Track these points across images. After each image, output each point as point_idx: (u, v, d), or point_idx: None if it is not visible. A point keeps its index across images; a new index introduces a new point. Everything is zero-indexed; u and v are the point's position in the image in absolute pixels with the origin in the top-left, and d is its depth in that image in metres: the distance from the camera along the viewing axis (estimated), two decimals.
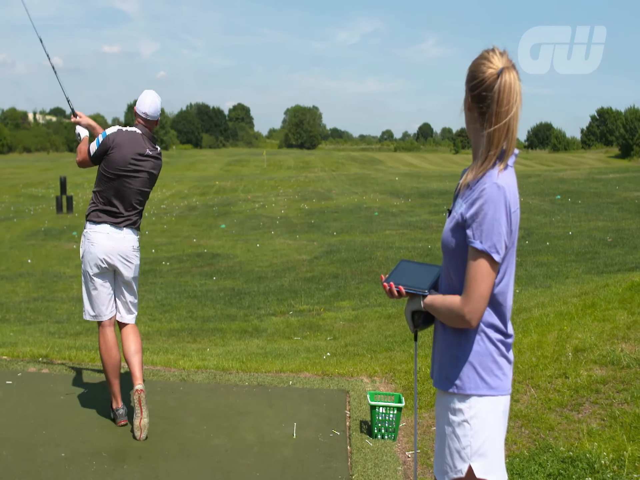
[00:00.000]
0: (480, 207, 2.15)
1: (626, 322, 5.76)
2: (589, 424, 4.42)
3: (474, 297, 2.17)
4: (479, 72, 2.22)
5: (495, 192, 2.15)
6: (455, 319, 2.22)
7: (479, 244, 2.15)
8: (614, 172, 41.54)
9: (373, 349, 7.30)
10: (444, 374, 2.33)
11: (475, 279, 2.17)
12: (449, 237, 2.28)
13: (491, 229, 2.14)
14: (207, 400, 5.43)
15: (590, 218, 20.95)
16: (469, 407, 2.27)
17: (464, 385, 2.27)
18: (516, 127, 2.21)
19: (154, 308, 12.17)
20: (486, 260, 2.16)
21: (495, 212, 2.14)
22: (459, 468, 2.28)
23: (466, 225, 2.19)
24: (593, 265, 12.67)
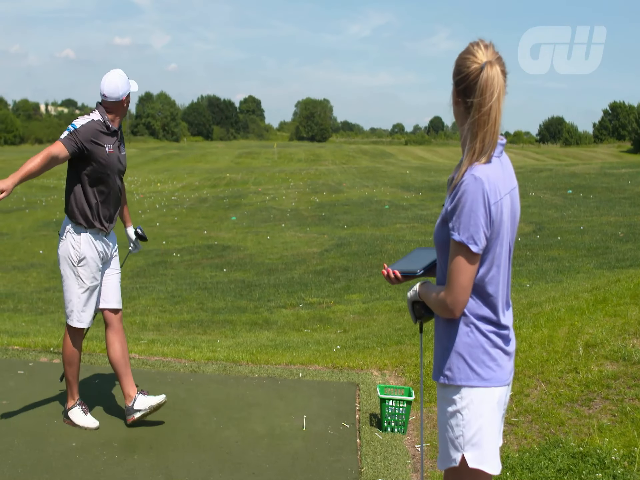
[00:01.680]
0: (458, 200, 2.19)
1: (638, 318, 5.72)
2: (600, 420, 4.40)
3: (454, 287, 2.22)
4: (463, 67, 2.25)
5: (472, 184, 2.17)
6: (441, 309, 2.29)
7: (457, 235, 2.19)
8: (626, 166, 41.26)
9: (383, 342, 7.30)
10: (437, 365, 2.39)
11: (455, 270, 2.21)
12: (438, 232, 2.33)
13: (468, 221, 2.17)
14: (217, 392, 5.44)
15: (602, 213, 20.85)
16: (461, 397, 2.31)
17: (454, 376, 2.31)
18: (498, 120, 2.21)
19: (164, 299, 12.21)
20: (464, 252, 2.19)
21: (472, 204, 2.16)
22: (453, 457, 2.33)
23: (448, 218, 2.24)
24: (604, 260, 12.61)
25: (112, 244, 4.72)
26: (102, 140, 4.44)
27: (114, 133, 4.57)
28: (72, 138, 4.32)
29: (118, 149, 4.60)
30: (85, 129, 4.37)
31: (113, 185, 4.59)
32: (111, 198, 4.60)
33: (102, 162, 4.45)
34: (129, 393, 4.67)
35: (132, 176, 46.84)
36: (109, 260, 4.73)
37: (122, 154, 4.69)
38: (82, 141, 4.34)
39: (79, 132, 4.34)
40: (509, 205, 2.26)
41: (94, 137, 4.40)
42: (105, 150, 4.45)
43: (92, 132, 4.40)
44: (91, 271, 4.52)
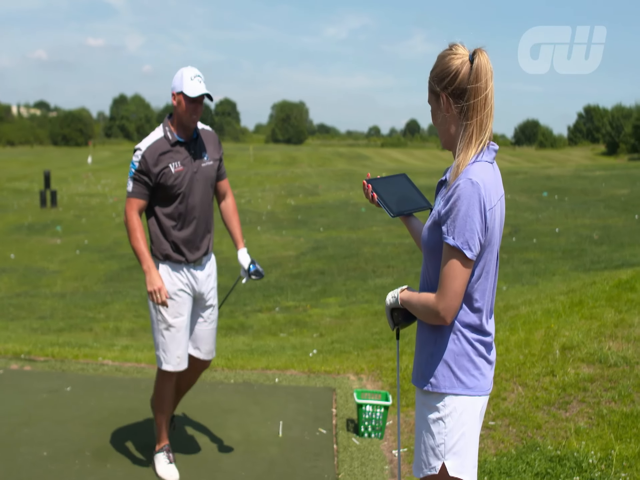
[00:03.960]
0: (454, 203, 2.12)
1: (613, 320, 5.75)
2: (577, 423, 4.40)
3: (447, 293, 2.15)
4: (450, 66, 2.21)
5: (469, 188, 2.12)
6: (430, 315, 2.21)
7: (451, 240, 2.13)
8: (601, 169, 41.70)
9: (360, 346, 7.27)
10: (420, 371, 2.32)
11: (449, 275, 2.15)
12: (426, 235, 2.27)
13: (464, 225, 2.11)
14: (192, 398, 5.35)
15: (577, 215, 21.02)
16: (444, 405, 2.26)
17: (439, 384, 2.26)
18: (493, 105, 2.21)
19: (139, 304, 12.07)
20: (459, 257, 2.14)
21: (468, 209, 2.11)
22: (432, 465, 2.28)
23: (441, 221, 2.18)
24: (580, 262, 12.70)
25: (203, 277, 4.06)
26: (166, 161, 3.84)
27: (182, 145, 3.92)
28: (137, 185, 3.82)
29: (192, 162, 3.92)
30: (143, 164, 3.80)
31: (193, 206, 3.93)
32: (192, 222, 3.94)
33: (168, 184, 3.85)
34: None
35: (106, 179, 46.43)
36: (203, 297, 4.10)
37: (204, 165, 3.99)
38: (148, 179, 3.81)
39: (140, 172, 3.81)
40: (499, 212, 2.24)
41: (155, 164, 3.81)
42: (170, 171, 3.83)
43: (153, 161, 3.81)
44: (173, 307, 3.92)
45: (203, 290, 4.07)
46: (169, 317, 3.93)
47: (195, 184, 3.92)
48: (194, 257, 3.97)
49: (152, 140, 3.86)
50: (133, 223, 3.82)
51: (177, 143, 3.89)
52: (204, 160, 3.98)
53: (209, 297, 4.14)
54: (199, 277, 4.03)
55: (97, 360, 6.35)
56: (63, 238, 21.81)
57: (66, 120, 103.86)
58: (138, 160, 3.80)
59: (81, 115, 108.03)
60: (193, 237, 3.96)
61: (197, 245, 3.99)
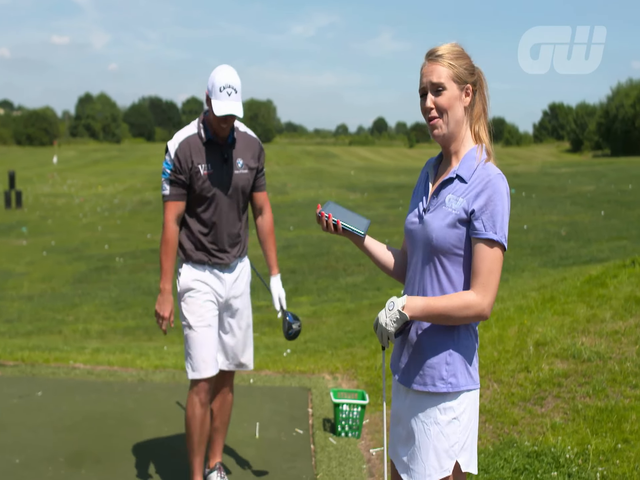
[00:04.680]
0: (490, 199, 2.13)
1: (586, 316, 5.81)
2: (553, 418, 4.43)
3: (492, 288, 2.14)
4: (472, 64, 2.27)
5: (501, 183, 2.16)
6: (471, 316, 2.15)
7: (493, 234, 2.12)
8: (566, 166, 42.29)
9: (334, 345, 7.26)
10: (438, 375, 2.23)
11: (492, 270, 2.13)
12: (446, 234, 2.18)
13: (502, 220, 2.14)
14: (167, 401, 5.31)
15: (545, 212, 21.26)
16: (459, 403, 2.22)
17: (459, 382, 2.22)
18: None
19: (108, 306, 11.95)
20: (500, 251, 2.15)
21: (504, 203, 2.15)
22: (446, 467, 2.22)
23: (473, 218, 2.15)
24: (548, 258, 12.85)
25: (230, 280, 3.73)
26: (197, 161, 3.55)
27: (215, 146, 3.60)
28: (174, 187, 3.54)
29: (222, 167, 3.59)
30: (177, 162, 3.53)
31: (220, 214, 3.62)
32: (219, 229, 3.63)
33: (196, 187, 3.56)
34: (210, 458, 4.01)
35: (72, 179, 45.85)
36: (231, 303, 3.76)
37: (237, 172, 3.64)
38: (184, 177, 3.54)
39: (175, 172, 3.53)
40: None
41: (188, 162, 3.54)
42: (200, 173, 3.54)
43: (185, 158, 3.53)
44: (196, 305, 3.62)
45: (231, 294, 3.74)
46: (191, 318, 3.61)
47: (224, 191, 3.60)
48: (220, 260, 3.66)
49: (184, 135, 3.58)
50: (168, 233, 3.56)
51: (209, 142, 3.58)
52: (238, 167, 3.63)
53: (238, 302, 3.79)
54: (226, 280, 3.71)
55: (68, 364, 6.26)
56: (29, 239, 21.48)
57: (30, 120, 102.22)
58: (171, 158, 3.53)
59: (46, 114, 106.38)
60: (220, 244, 3.65)
61: (224, 250, 3.67)
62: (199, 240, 3.63)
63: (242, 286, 3.82)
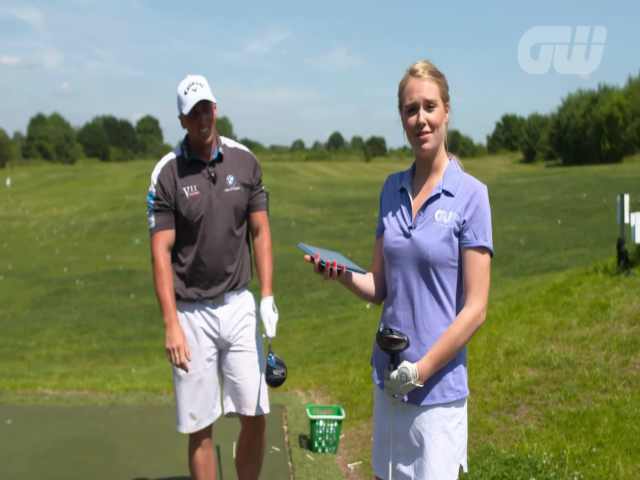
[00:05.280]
0: (478, 208, 2.21)
1: (553, 323, 5.92)
2: (527, 425, 4.49)
3: (484, 294, 2.22)
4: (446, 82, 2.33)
5: (486, 193, 2.25)
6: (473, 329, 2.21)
7: (484, 241, 2.20)
8: (521, 176, 43.07)
9: (304, 361, 7.26)
10: (446, 385, 2.26)
11: (483, 276, 2.21)
12: (442, 248, 2.22)
13: (489, 227, 2.23)
14: (139, 424, 5.25)
15: (503, 222, 21.60)
16: (462, 408, 2.30)
17: (463, 389, 2.29)
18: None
19: (70, 329, 11.77)
20: (489, 257, 2.23)
21: (488, 212, 2.23)
22: (454, 471, 2.26)
23: (464, 229, 2.21)
24: (509, 268, 13.06)
25: (226, 316, 3.37)
26: (181, 184, 3.26)
27: (200, 165, 3.31)
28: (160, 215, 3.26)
29: (210, 186, 3.29)
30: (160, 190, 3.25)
31: (212, 237, 3.30)
32: (211, 254, 3.30)
33: (182, 212, 3.26)
34: None
35: (26, 201, 45.11)
36: (229, 341, 3.39)
37: (228, 190, 3.33)
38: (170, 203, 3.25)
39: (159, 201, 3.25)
40: None
41: (172, 187, 3.26)
42: (185, 196, 3.25)
43: (169, 183, 3.26)
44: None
45: (228, 333, 3.38)
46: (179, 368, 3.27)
47: (215, 212, 3.28)
48: (210, 293, 3.32)
49: (165, 160, 3.33)
50: (159, 264, 3.23)
51: (193, 162, 3.30)
52: (228, 185, 3.32)
53: (241, 339, 3.41)
54: (221, 317, 3.36)
55: (37, 390, 6.14)
56: None
57: None
58: (154, 188, 3.25)
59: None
60: (211, 272, 3.31)
61: (216, 280, 3.33)
62: (187, 273, 3.31)
63: (243, 322, 3.43)
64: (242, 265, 3.44)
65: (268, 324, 3.32)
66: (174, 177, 3.26)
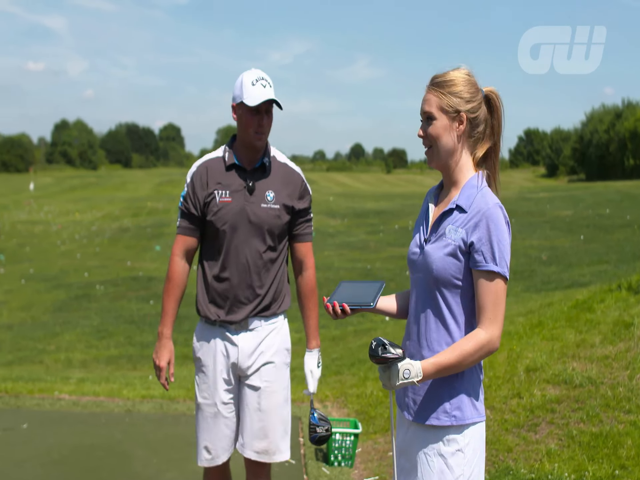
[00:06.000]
0: (488, 229, 2.10)
1: (575, 341, 5.82)
2: (548, 445, 4.40)
3: (499, 320, 2.10)
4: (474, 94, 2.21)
5: (498, 213, 2.13)
6: (483, 353, 2.11)
7: (494, 266, 2.09)
8: (544, 191, 42.80)
9: (322, 372, 7.20)
10: (441, 408, 2.19)
11: (496, 303, 2.09)
12: (446, 265, 2.15)
13: (501, 250, 2.10)
14: (155, 432, 5.22)
15: (525, 236, 21.43)
16: (464, 436, 2.17)
17: (464, 415, 2.17)
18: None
19: (90, 335, 11.80)
20: (502, 282, 2.11)
21: (502, 233, 2.11)
22: None
23: (473, 249, 2.11)
24: (531, 283, 12.93)
25: (247, 346, 3.02)
26: (214, 186, 2.98)
27: (240, 171, 3.01)
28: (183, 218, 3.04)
29: (245, 195, 2.96)
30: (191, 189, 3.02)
31: (237, 252, 2.97)
32: (235, 271, 2.98)
33: (209, 216, 2.98)
34: None
35: (49, 205, 45.52)
36: (247, 374, 3.04)
37: (264, 206, 2.97)
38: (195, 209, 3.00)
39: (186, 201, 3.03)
40: None
41: (203, 188, 2.99)
42: (215, 200, 2.96)
43: (201, 183, 3.00)
44: (204, 383, 3.06)
45: (248, 364, 3.02)
46: (199, 395, 3.07)
47: (245, 225, 2.95)
48: (232, 317, 2.99)
49: (205, 159, 3.08)
50: (171, 268, 3.05)
51: (233, 167, 3.00)
52: (266, 200, 2.97)
53: (263, 374, 3.04)
54: (242, 345, 3.01)
55: (53, 395, 6.14)
56: (7, 267, 21.22)
57: (6, 146, 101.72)
58: (186, 187, 3.04)
59: (21, 141, 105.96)
60: (235, 291, 2.98)
61: (239, 301, 2.99)
62: (210, 287, 3.02)
63: (268, 354, 3.05)
64: (274, 291, 3.07)
65: (310, 378, 3.04)
66: (207, 178, 2.99)
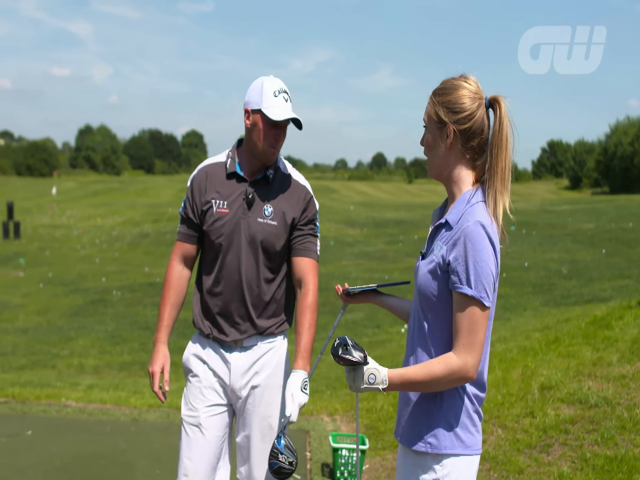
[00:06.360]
0: (465, 248, 1.94)
1: (591, 359, 5.67)
2: (560, 467, 4.26)
3: (475, 349, 1.94)
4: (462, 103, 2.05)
5: (480, 231, 1.95)
6: (455, 380, 1.96)
7: (468, 289, 1.93)
8: (566, 203, 42.36)
9: (333, 385, 7.11)
10: (417, 431, 2.08)
11: (470, 329, 1.94)
12: (425, 282, 2.04)
13: (480, 272, 1.93)
14: (160, 442, 5.15)
15: (545, 249, 21.19)
16: (442, 466, 2.04)
17: (440, 444, 2.04)
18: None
19: (104, 340, 11.79)
20: (478, 307, 1.94)
21: (481, 253, 1.93)
22: None
23: (450, 269, 1.97)
24: (550, 297, 12.73)
25: (239, 366, 2.84)
26: (212, 193, 2.84)
27: (240, 181, 2.85)
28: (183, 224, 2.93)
29: (243, 208, 2.81)
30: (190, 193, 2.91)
31: (232, 267, 2.81)
32: (228, 287, 2.83)
33: (205, 226, 2.85)
34: None
35: (71, 210, 45.86)
36: (237, 395, 2.86)
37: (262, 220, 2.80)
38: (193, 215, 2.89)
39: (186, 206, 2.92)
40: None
41: (202, 193, 2.86)
42: (212, 209, 2.82)
43: (200, 188, 2.87)
44: (192, 394, 2.87)
45: (240, 385, 2.85)
46: (184, 407, 2.89)
47: (238, 239, 2.79)
48: (225, 336, 2.83)
49: (207, 163, 2.95)
50: (168, 272, 2.94)
51: (234, 175, 2.85)
52: (264, 215, 2.80)
53: (257, 397, 2.85)
54: (234, 364, 2.84)
55: (60, 401, 6.10)
56: (26, 270, 21.35)
57: (30, 150, 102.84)
58: (187, 187, 2.94)
59: (46, 146, 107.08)
60: (227, 308, 2.84)
61: (230, 319, 2.84)
62: (205, 301, 2.88)
63: (263, 375, 2.86)
64: (272, 311, 2.90)
65: (290, 402, 2.46)
66: (206, 185, 2.85)
